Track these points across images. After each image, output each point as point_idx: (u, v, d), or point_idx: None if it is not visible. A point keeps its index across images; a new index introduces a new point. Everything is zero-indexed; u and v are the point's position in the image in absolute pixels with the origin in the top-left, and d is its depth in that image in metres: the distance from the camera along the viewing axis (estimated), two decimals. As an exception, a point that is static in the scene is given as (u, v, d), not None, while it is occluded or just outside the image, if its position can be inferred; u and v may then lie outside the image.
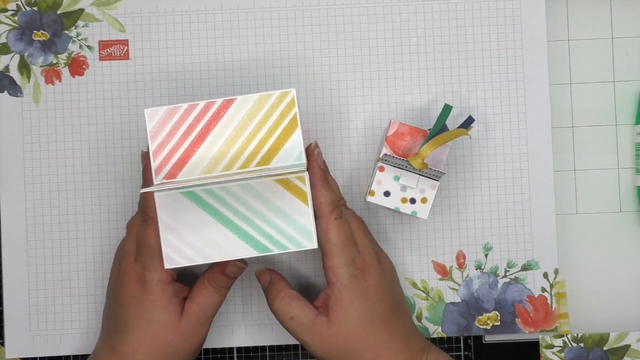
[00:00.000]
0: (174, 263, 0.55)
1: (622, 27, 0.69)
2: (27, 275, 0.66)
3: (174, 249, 0.55)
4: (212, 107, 0.55)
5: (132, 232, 0.60)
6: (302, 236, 0.55)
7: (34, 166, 0.66)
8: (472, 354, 0.67)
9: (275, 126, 0.55)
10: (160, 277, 0.58)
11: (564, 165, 0.68)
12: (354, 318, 0.57)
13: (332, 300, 0.58)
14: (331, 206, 0.57)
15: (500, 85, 0.67)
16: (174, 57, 0.67)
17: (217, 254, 0.55)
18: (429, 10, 0.67)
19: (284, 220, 0.55)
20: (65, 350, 0.66)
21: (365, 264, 0.58)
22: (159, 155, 0.55)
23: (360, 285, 0.58)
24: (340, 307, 0.57)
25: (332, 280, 0.58)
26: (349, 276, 0.57)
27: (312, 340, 0.58)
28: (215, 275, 0.60)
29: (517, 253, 0.67)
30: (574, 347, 0.66)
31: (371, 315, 0.58)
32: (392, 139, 0.62)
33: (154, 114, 0.55)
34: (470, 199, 0.67)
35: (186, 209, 0.55)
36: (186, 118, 0.55)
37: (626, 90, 0.68)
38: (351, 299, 0.57)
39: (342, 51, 0.67)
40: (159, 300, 0.58)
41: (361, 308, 0.57)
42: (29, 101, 0.66)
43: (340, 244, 0.57)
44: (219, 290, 0.60)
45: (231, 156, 0.55)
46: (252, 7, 0.67)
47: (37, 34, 0.66)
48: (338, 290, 0.57)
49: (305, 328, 0.58)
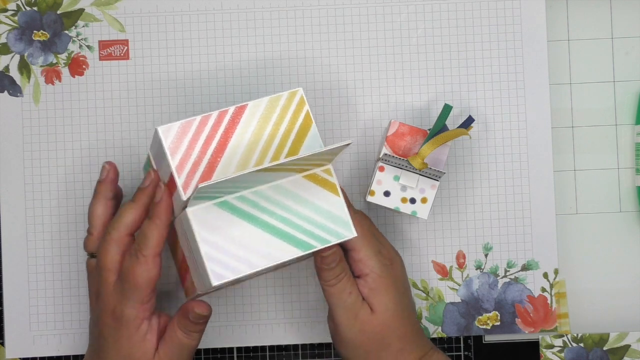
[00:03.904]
0: (221, 278, 0.52)
1: (622, 27, 0.69)
2: (27, 275, 0.66)
3: (218, 264, 0.53)
4: (226, 116, 0.55)
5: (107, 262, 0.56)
6: (340, 227, 0.55)
7: (34, 166, 0.66)
8: (472, 354, 0.67)
9: (291, 125, 0.55)
10: (137, 314, 0.55)
11: (564, 165, 0.68)
12: (391, 307, 0.58)
13: (368, 290, 0.58)
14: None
15: (500, 85, 0.67)
16: (174, 57, 0.67)
17: (263, 260, 0.53)
18: (429, 10, 0.67)
19: (319, 214, 0.55)
20: (65, 350, 0.66)
21: (390, 255, 0.60)
22: (183, 171, 0.53)
23: (390, 275, 0.59)
24: (380, 296, 0.58)
25: (365, 272, 0.58)
26: (380, 266, 0.58)
27: (354, 323, 0.58)
28: (183, 321, 0.57)
29: (517, 253, 0.67)
30: (574, 347, 0.66)
31: (402, 306, 0.59)
32: (392, 138, 0.62)
33: (168, 130, 0.53)
34: (470, 199, 0.67)
35: (222, 220, 0.53)
36: (202, 129, 0.54)
37: (626, 90, 0.68)
38: (387, 288, 0.58)
39: (342, 51, 0.67)
40: (133, 337, 0.56)
41: (395, 298, 0.58)
42: (29, 101, 0.66)
43: (366, 236, 0.58)
44: (189, 335, 0.57)
45: (256, 159, 0.54)
46: (252, 7, 0.67)
47: (37, 34, 0.66)
48: (372, 280, 0.58)
49: (352, 309, 0.58)
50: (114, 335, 0.56)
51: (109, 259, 0.56)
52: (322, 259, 0.57)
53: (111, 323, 0.56)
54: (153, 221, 0.55)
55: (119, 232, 0.56)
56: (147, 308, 0.56)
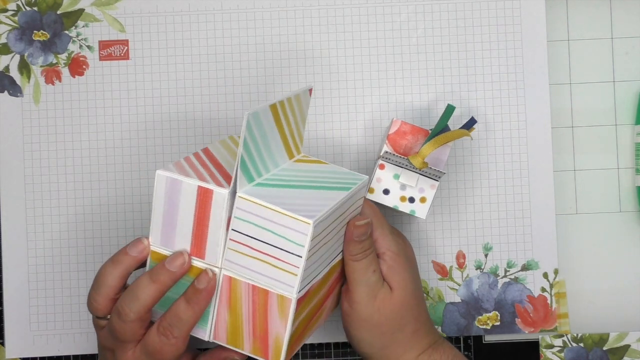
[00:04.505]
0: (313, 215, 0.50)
1: (622, 27, 0.69)
2: (27, 275, 0.66)
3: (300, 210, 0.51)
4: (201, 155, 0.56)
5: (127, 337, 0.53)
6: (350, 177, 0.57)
7: (34, 166, 0.66)
8: (472, 354, 0.67)
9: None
10: None
11: (564, 165, 0.68)
12: (409, 285, 0.58)
13: (387, 267, 0.58)
14: None
15: (500, 85, 0.67)
16: (174, 57, 0.67)
17: (327, 201, 0.53)
18: (429, 10, 0.67)
19: (330, 174, 0.57)
20: (65, 350, 0.66)
21: (400, 235, 0.61)
22: (206, 180, 0.52)
23: (405, 254, 0.59)
24: (398, 274, 0.58)
25: (382, 250, 0.58)
26: (395, 244, 0.58)
27: (373, 302, 0.57)
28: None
29: (517, 253, 0.67)
30: (574, 347, 0.66)
31: (417, 286, 0.59)
32: (393, 137, 0.62)
33: (167, 168, 0.53)
34: (470, 199, 0.67)
35: (271, 191, 0.52)
36: (191, 161, 0.55)
37: (626, 90, 0.68)
38: (404, 266, 0.58)
39: (342, 51, 0.67)
40: None
41: (412, 276, 0.59)
42: (29, 101, 0.66)
43: (378, 216, 0.59)
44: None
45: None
46: (252, 7, 0.67)
47: (37, 34, 0.66)
48: (390, 258, 0.58)
49: (374, 287, 0.57)
50: None
51: (130, 336, 0.53)
52: (356, 228, 0.56)
53: None
54: (192, 307, 0.52)
55: (139, 314, 0.52)
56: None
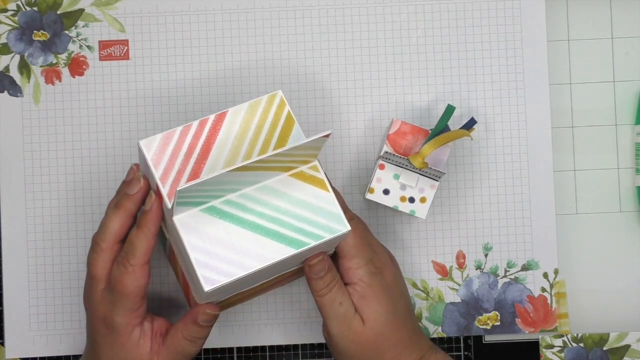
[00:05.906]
0: (214, 283, 0.51)
1: (622, 27, 0.69)
2: (27, 275, 0.66)
3: (209, 269, 0.52)
4: (207, 124, 0.54)
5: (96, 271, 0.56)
6: (332, 222, 0.54)
7: (34, 166, 0.66)
8: (472, 354, 0.67)
9: (273, 127, 0.55)
10: (128, 322, 0.56)
11: (564, 165, 0.68)
12: (382, 316, 0.57)
13: (358, 298, 0.57)
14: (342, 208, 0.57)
15: (500, 85, 0.67)
16: (174, 57, 0.67)
17: (255, 261, 0.52)
18: (429, 10, 0.67)
19: (310, 210, 0.54)
20: (65, 350, 0.66)
21: (381, 263, 0.59)
22: (167, 180, 0.53)
23: (380, 283, 0.58)
24: (370, 305, 0.57)
25: (353, 281, 0.58)
26: (369, 275, 0.58)
27: (347, 333, 0.57)
28: (188, 327, 0.57)
29: (517, 253, 0.67)
30: (574, 347, 0.66)
31: (394, 313, 0.58)
32: (393, 137, 0.62)
33: (150, 143, 0.54)
34: (470, 199, 0.67)
35: (210, 225, 0.53)
36: (184, 139, 0.54)
37: (626, 90, 0.68)
38: (376, 296, 0.57)
39: (342, 51, 0.67)
40: (126, 344, 0.56)
41: (386, 306, 0.58)
42: (29, 101, 0.66)
43: (358, 244, 0.58)
44: (193, 342, 0.57)
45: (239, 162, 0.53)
46: (252, 7, 0.67)
47: (37, 34, 0.66)
48: (362, 288, 0.57)
49: (344, 319, 0.57)
50: (107, 342, 0.56)
51: (99, 268, 0.56)
52: (310, 268, 0.56)
53: (103, 330, 0.56)
54: (141, 230, 0.54)
55: (107, 242, 0.56)
56: (137, 315, 0.56)
